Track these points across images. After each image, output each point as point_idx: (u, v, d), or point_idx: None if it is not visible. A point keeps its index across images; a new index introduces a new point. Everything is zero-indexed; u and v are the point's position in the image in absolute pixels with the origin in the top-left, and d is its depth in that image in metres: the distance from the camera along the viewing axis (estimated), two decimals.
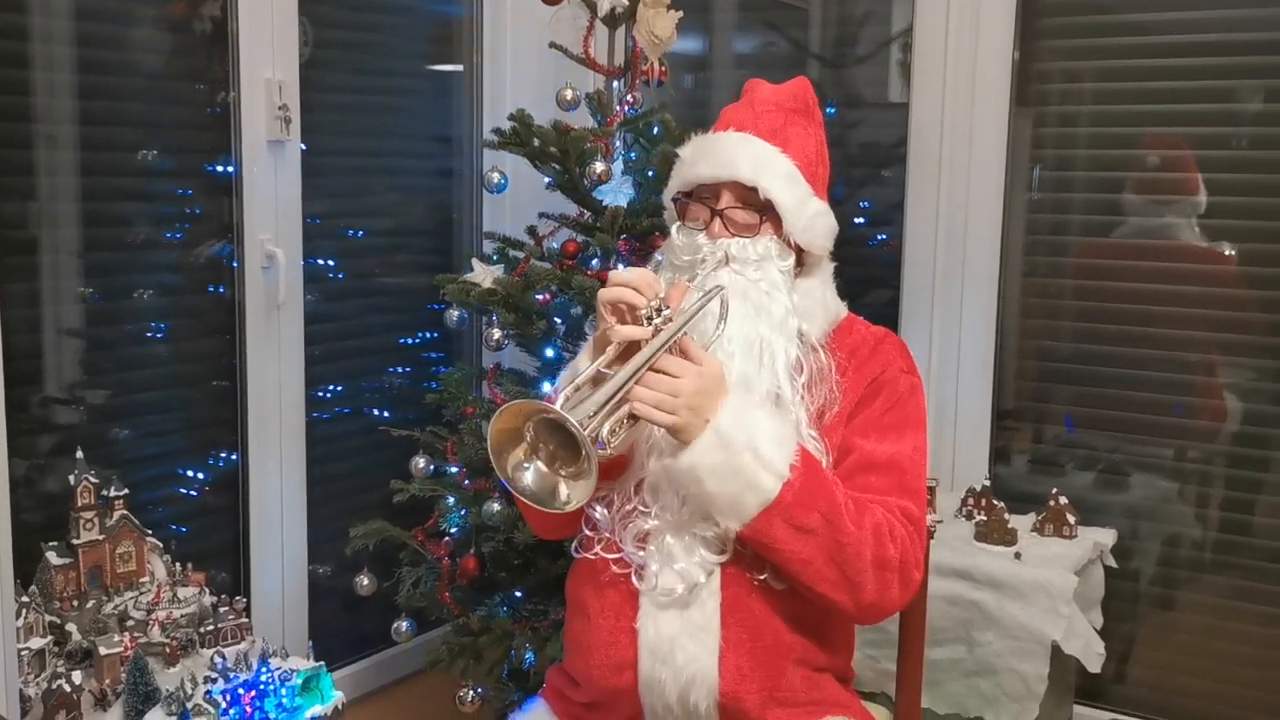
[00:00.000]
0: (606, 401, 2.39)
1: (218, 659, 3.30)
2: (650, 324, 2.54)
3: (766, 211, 2.83)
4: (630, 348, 2.55)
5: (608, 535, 2.78)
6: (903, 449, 2.80)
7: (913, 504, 2.76)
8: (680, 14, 3.83)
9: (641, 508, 2.73)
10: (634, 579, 2.73)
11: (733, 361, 2.69)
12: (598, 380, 2.49)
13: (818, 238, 2.91)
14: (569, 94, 3.90)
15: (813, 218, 2.88)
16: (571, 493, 2.40)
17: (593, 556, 2.81)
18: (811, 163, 2.94)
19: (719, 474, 2.54)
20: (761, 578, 2.70)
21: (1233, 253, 4.14)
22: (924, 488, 2.83)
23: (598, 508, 2.78)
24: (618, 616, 2.76)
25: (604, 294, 2.63)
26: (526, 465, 2.42)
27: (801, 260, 2.93)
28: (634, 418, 2.50)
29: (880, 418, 2.82)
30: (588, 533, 2.83)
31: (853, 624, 2.97)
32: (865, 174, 4.81)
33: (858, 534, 2.61)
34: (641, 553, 2.71)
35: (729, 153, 2.89)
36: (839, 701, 2.85)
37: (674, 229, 2.94)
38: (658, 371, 2.51)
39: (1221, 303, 4.14)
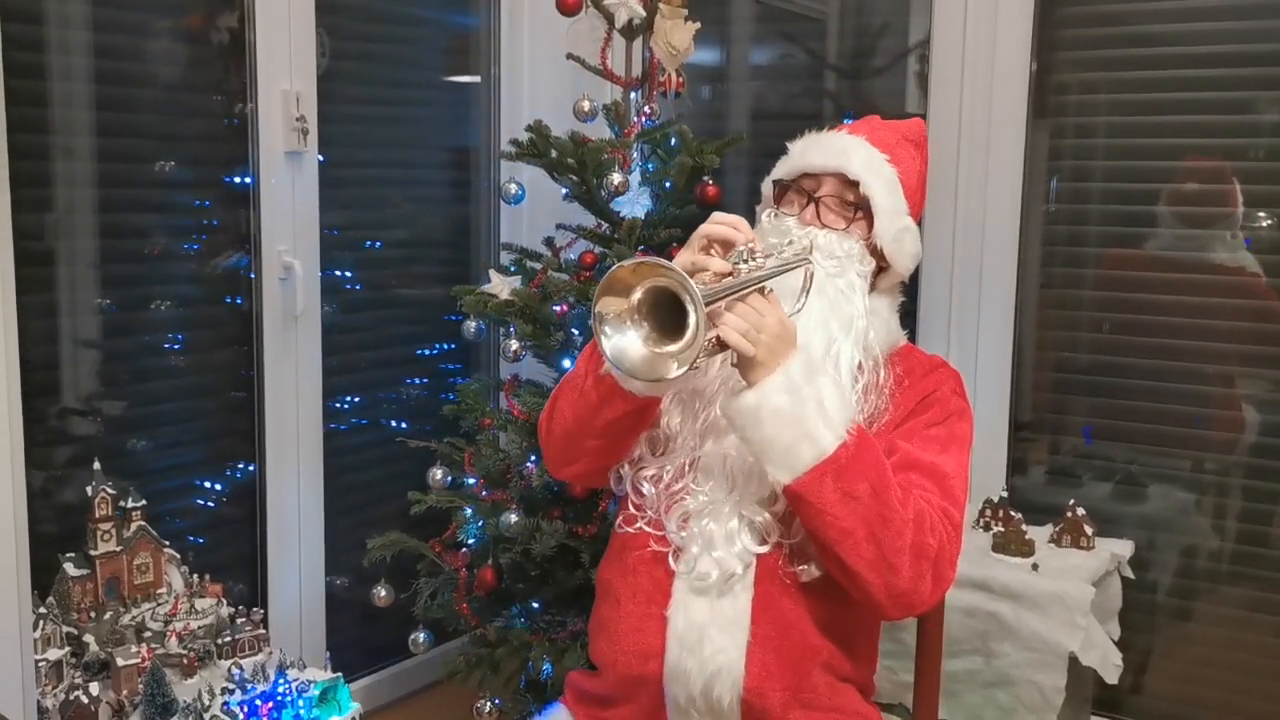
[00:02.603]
0: (718, 295, 2.41)
1: (235, 670, 3.31)
2: (747, 264, 2.55)
3: (862, 209, 2.89)
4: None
5: (651, 513, 2.80)
6: (946, 460, 2.81)
7: (953, 509, 2.76)
8: (698, 25, 3.83)
9: (693, 485, 2.75)
10: (671, 560, 2.75)
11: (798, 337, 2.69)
12: None
13: (902, 254, 2.95)
14: (586, 105, 3.91)
15: (902, 231, 2.93)
16: (665, 369, 2.38)
17: (634, 530, 2.83)
18: (913, 185, 2.99)
19: (781, 417, 2.53)
20: (801, 567, 2.72)
21: (1245, 263, 4.14)
22: (964, 500, 2.82)
23: (645, 484, 2.80)
24: (649, 603, 2.78)
25: (706, 228, 2.62)
26: (619, 323, 2.41)
27: (875, 281, 2.96)
28: (719, 344, 2.50)
29: (927, 429, 2.84)
30: (632, 508, 2.85)
31: (876, 631, 3.00)
32: None
33: (902, 514, 2.61)
34: (684, 534, 2.73)
35: (841, 147, 2.94)
36: (860, 712, 2.86)
37: (765, 214, 2.98)
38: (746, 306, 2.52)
39: (1239, 314, 4.14)
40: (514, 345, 3.88)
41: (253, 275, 4.07)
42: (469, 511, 3.93)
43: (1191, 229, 4.20)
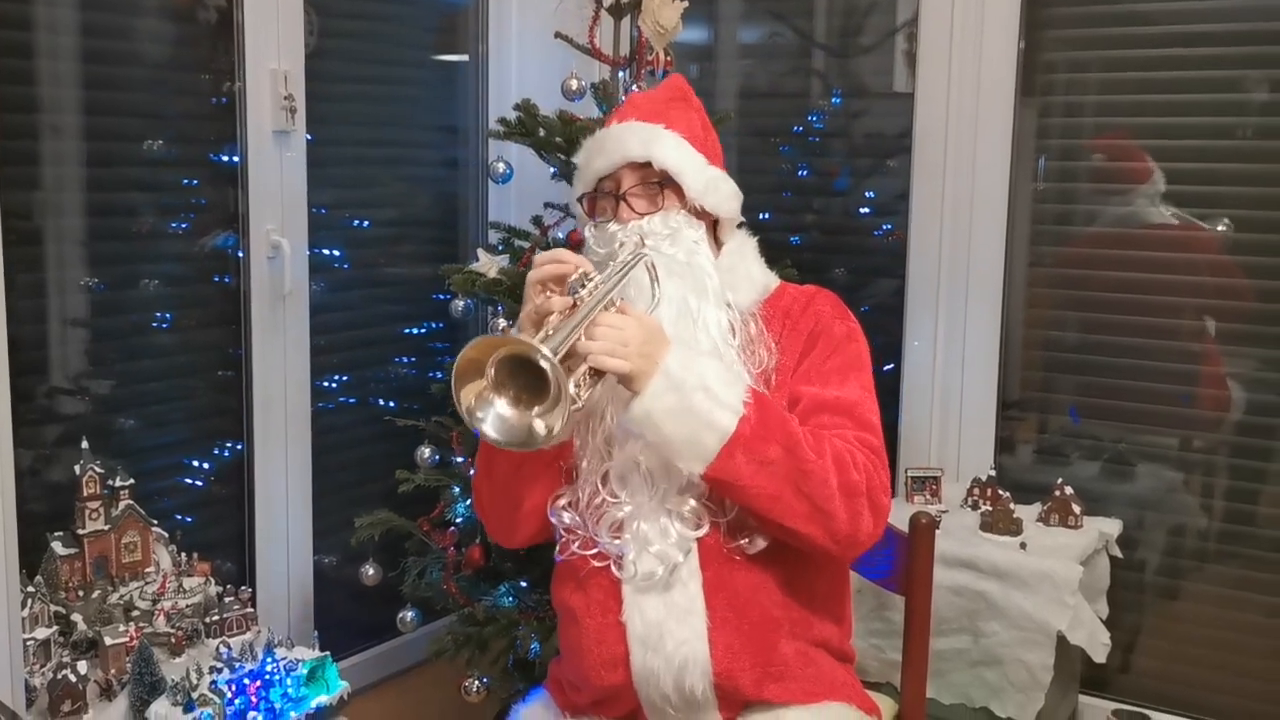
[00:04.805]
0: (567, 335, 2.42)
1: (223, 649, 3.31)
2: (586, 288, 2.59)
3: (666, 184, 2.92)
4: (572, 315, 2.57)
5: (582, 533, 2.81)
6: (848, 389, 2.84)
7: (870, 435, 2.80)
8: (685, 4, 3.82)
9: (611, 498, 2.78)
10: (614, 569, 2.77)
11: (668, 330, 2.71)
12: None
13: (723, 200, 3.00)
14: (574, 84, 3.91)
15: (711, 180, 2.97)
16: (549, 423, 2.40)
17: (567, 558, 2.87)
18: (699, 136, 3.02)
19: (674, 415, 2.58)
20: (743, 541, 2.75)
21: (1224, 227, 4.15)
22: (877, 422, 2.86)
23: (565, 512, 2.84)
24: (604, 613, 2.80)
25: (533, 274, 2.69)
26: (486, 405, 2.43)
27: (718, 238, 3.02)
28: (596, 373, 2.53)
29: (822, 364, 2.87)
30: (563, 534, 2.87)
31: (842, 589, 3.02)
32: (870, 164, 4.81)
33: (820, 463, 2.64)
34: (617, 542, 2.76)
35: (617, 139, 2.97)
36: (837, 680, 2.88)
37: (586, 230, 3.03)
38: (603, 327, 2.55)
39: (1226, 293, 4.15)
40: (502, 324, 3.88)
41: (240, 254, 4.06)
42: (457, 490, 3.93)
43: (1122, 205, 4.25)
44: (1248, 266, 4.11)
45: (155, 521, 3.60)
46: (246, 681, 3.19)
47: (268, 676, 3.22)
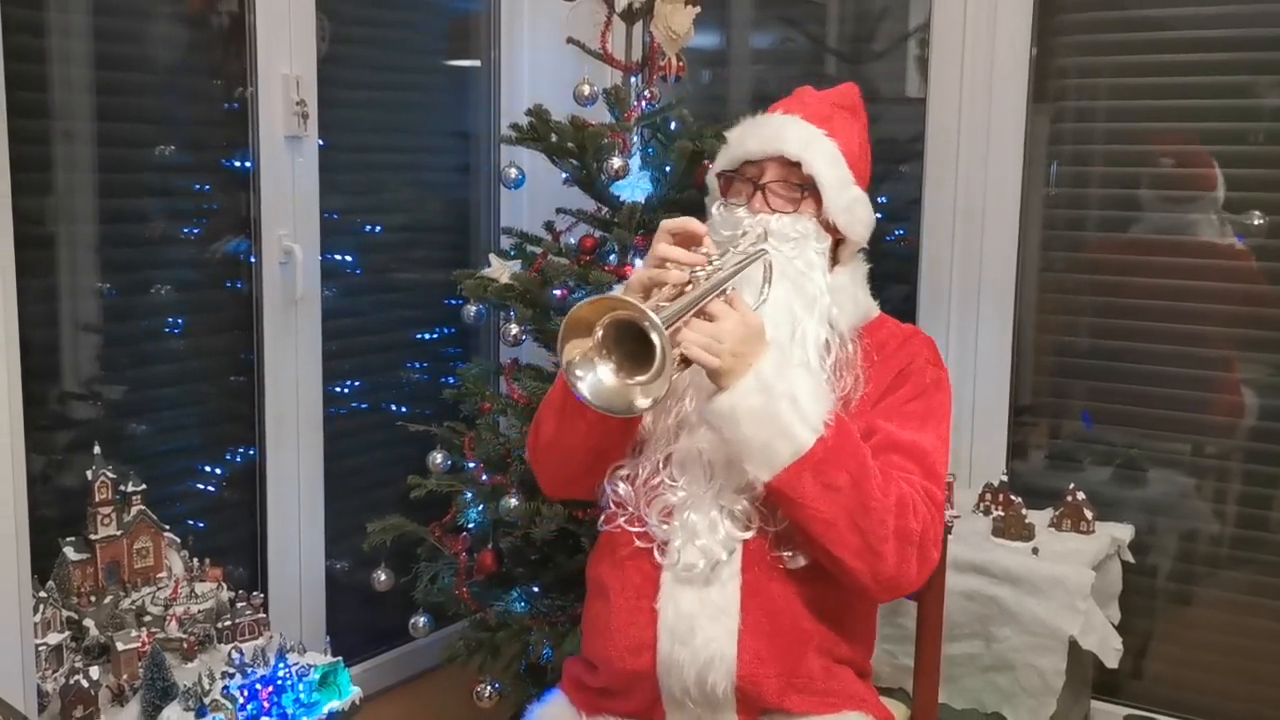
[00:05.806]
0: (677, 312, 2.44)
1: (235, 654, 3.31)
2: (704, 271, 2.60)
3: (808, 189, 2.91)
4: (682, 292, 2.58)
5: (632, 510, 2.82)
6: (926, 436, 2.84)
7: (935, 487, 2.78)
8: (698, 9, 3.83)
9: (669, 481, 2.77)
10: (656, 554, 2.77)
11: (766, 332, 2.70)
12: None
13: (856, 223, 2.99)
14: (586, 89, 3.91)
15: (852, 201, 2.97)
16: (652, 394, 2.41)
17: (613, 529, 2.86)
18: (855, 153, 3.02)
19: (756, 418, 2.57)
20: (786, 554, 2.74)
21: (1246, 247, 4.14)
22: (945, 475, 2.86)
23: (620, 484, 2.83)
24: (638, 596, 2.80)
25: (661, 251, 2.65)
26: (588, 365, 2.45)
27: (837, 255, 3.01)
28: (685, 361, 2.53)
29: (904, 405, 2.87)
30: (611, 506, 2.87)
31: (872, 613, 3.02)
32: (882, 170, 4.77)
33: (883, 501, 2.64)
34: (665, 527, 2.75)
35: (778, 130, 2.97)
36: (856, 695, 2.87)
37: (715, 207, 3.02)
38: (705, 317, 2.55)
39: (1239, 298, 4.14)
40: (514, 329, 3.88)
41: (253, 259, 4.06)
42: (469, 495, 3.93)
43: (1174, 211, 4.22)
44: (1261, 271, 4.10)
45: (167, 527, 3.60)
46: (258, 687, 3.18)
47: (280, 682, 3.22)
